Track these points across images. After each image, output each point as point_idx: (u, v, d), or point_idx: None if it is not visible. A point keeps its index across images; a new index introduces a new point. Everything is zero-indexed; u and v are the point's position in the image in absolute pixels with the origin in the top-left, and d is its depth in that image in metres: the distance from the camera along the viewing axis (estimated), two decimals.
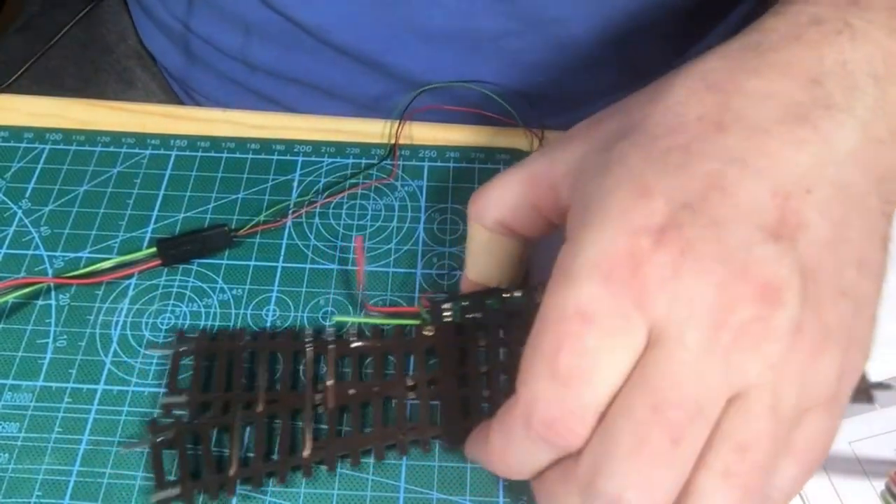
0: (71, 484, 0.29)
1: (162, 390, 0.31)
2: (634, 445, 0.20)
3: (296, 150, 0.38)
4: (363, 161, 0.38)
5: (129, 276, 0.34)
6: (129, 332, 0.33)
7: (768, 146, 0.21)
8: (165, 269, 0.34)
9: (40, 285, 0.33)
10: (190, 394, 0.30)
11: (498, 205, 0.28)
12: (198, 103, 0.51)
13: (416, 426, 0.30)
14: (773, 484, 0.22)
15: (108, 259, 0.34)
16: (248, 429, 0.30)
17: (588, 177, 0.23)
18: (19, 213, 0.36)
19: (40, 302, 0.33)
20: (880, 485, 0.29)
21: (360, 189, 0.37)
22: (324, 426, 0.30)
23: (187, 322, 0.33)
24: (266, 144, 0.38)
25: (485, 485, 0.29)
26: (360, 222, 0.36)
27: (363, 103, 0.45)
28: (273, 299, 0.33)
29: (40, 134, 0.38)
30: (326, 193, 0.36)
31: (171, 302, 0.33)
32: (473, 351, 0.31)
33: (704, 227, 0.20)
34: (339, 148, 0.38)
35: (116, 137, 0.38)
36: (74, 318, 0.33)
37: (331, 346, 0.31)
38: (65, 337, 0.32)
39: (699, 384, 0.20)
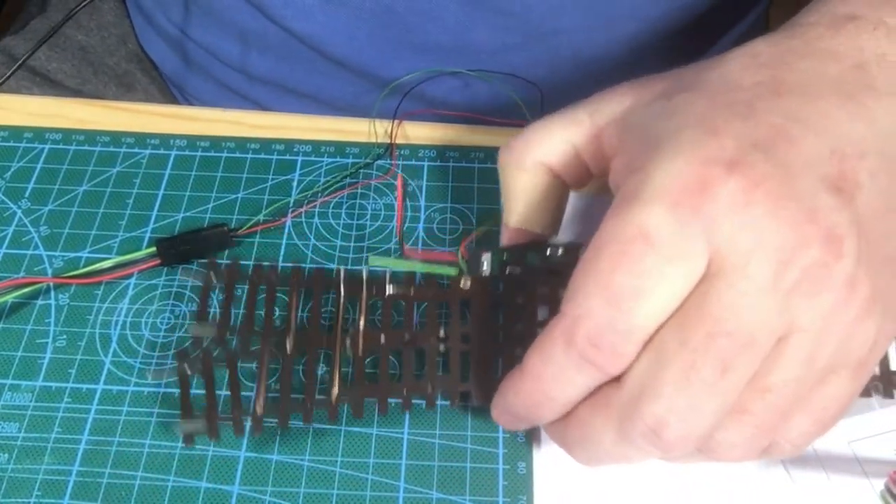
0: (71, 484, 0.29)
1: (162, 392, 0.31)
2: (684, 370, 0.20)
3: (295, 149, 0.38)
4: (363, 161, 0.38)
5: (129, 276, 0.34)
6: (128, 332, 0.33)
7: (824, 112, 0.22)
8: (165, 269, 0.34)
9: (40, 285, 0.33)
10: (219, 326, 0.29)
11: (539, 146, 0.28)
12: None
13: (446, 379, 0.29)
14: (785, 435, 0.22)
15: (108, 259, 0.34)
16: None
17: (646, 122, 0.24)
18: (19, 212, 0.36)
19: (40, 302, 0.33)
20: (880, 485, 0.29)
21: (359, 188, 0.37)
22: (350, 369, 0.29)
23: (187, 322, 0.33)
24: (266, 144, 0.38)
25: (485, 485, 0.29)
26: (360, 222, 0.36)
27: (360, 114, 0.46)
28: (274, 298, 0.33)
29: (40, 134, 0.38)
30: (326, 193, 0.36)
31: (171, 302, 0.33)
32: (510, 307, 0.30)
33: (775, 167, 0.20)
34: (339, 148, 0.38)
35: (116, 137, 0.38)
36: (74, 318, 0.33)
37: (364, 290, 0.30)
38: (64, 337, 0.32)
39: (756, 317, 0.20)
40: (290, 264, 0.34)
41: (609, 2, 0.40)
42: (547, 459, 0.29)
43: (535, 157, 0.28)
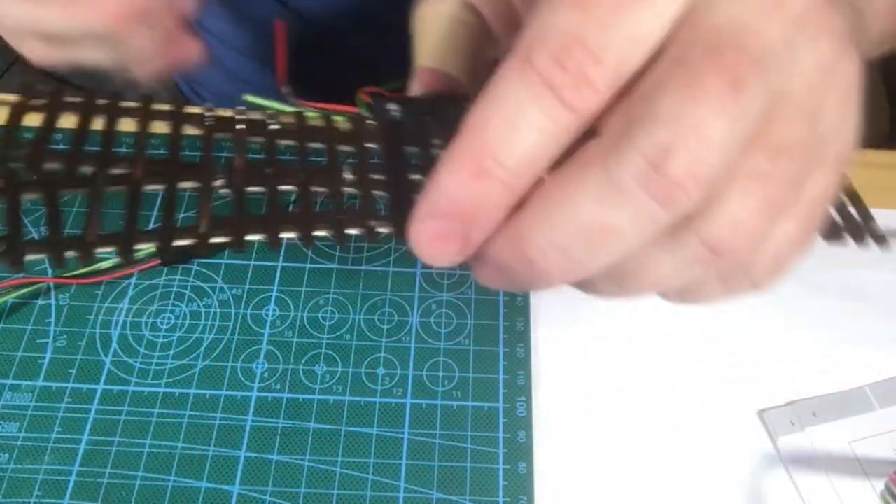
0: (71, 484, 0.29)
1: (162, 392, 0.31)
2: (686, 85, 0.17)
3: None
4: None
5: (129, 276, 0.34)
6: (128, 332, 0.33)
7: None
8: (165, 269, 0.34)
9: (40, 285, 0.33)
10: (34, 146, 0.22)
11: None
12: (204, 100, 0.51)
13: (357, 212, 0.22)
14: (774, 238, 0.19)
15: (108, 259, 0.34)
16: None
17: None
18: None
19: (40, 302, 0.33)
20: (880, 485, 0.29)
21: None
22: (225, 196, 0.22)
23: (187, 321, 0.33)
24: None
25: (485, 485, 0.29)
26: None
27: None
28: (273, 299, 0.33)
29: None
30: None
31: (171, 302, 0.33)
32: (427, 151, 0.23)
33: None
34: None
35: (116, 137, 0.38)
36: (74, 318, 0.33)
37: (239, 126, 0.24)
38: (65, 337, 0.32)
39: (764, 34, 0.17)
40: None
41: None
42: (547, 459, 0.30)
43: None
